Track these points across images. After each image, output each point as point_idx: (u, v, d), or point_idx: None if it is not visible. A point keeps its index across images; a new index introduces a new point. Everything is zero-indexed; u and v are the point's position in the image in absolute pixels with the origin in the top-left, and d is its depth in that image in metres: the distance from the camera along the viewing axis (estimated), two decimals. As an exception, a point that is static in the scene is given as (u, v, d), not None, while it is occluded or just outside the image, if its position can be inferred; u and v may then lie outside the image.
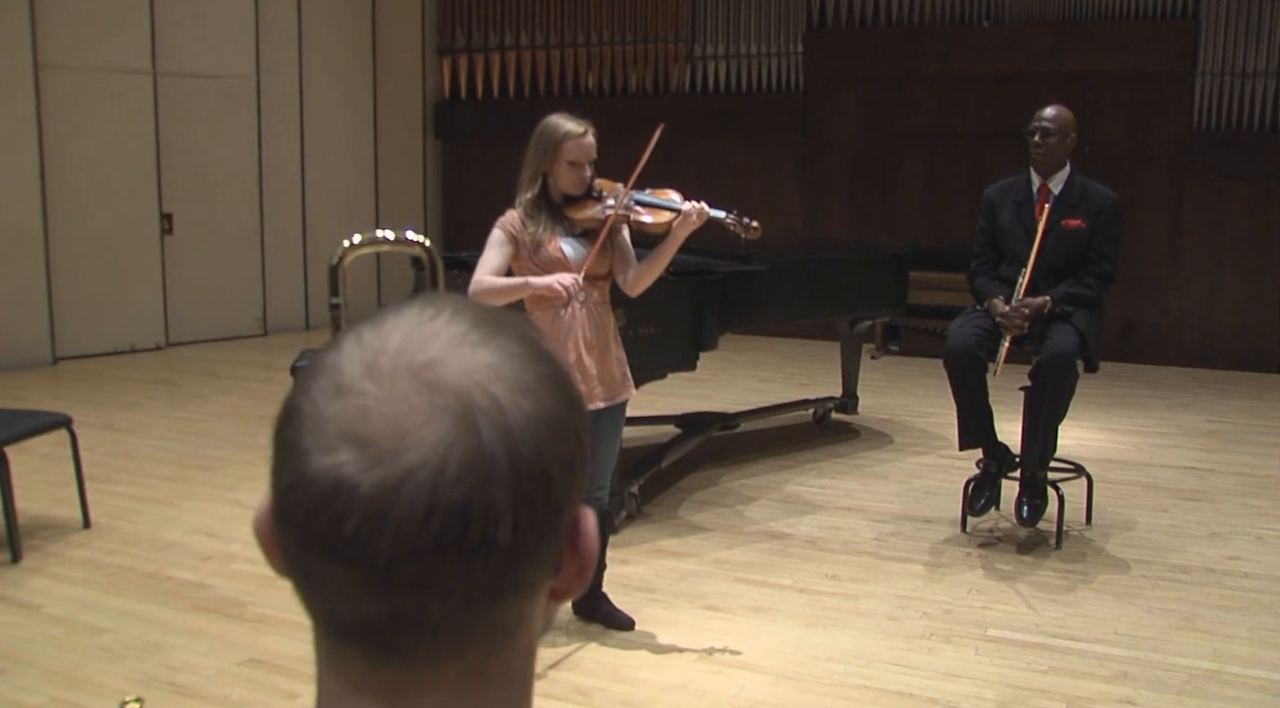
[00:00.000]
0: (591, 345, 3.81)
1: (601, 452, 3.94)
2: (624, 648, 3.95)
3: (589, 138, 3.82)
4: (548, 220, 3.83)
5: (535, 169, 3.84)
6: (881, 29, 9.59)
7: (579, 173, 3.82)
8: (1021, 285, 4.78)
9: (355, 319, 0.78)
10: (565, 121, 3.83)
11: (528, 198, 3.84)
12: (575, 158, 3.79)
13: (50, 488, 5.53)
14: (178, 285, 9.42)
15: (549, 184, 3.84)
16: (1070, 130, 4.97)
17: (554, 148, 3.79)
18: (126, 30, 8.89)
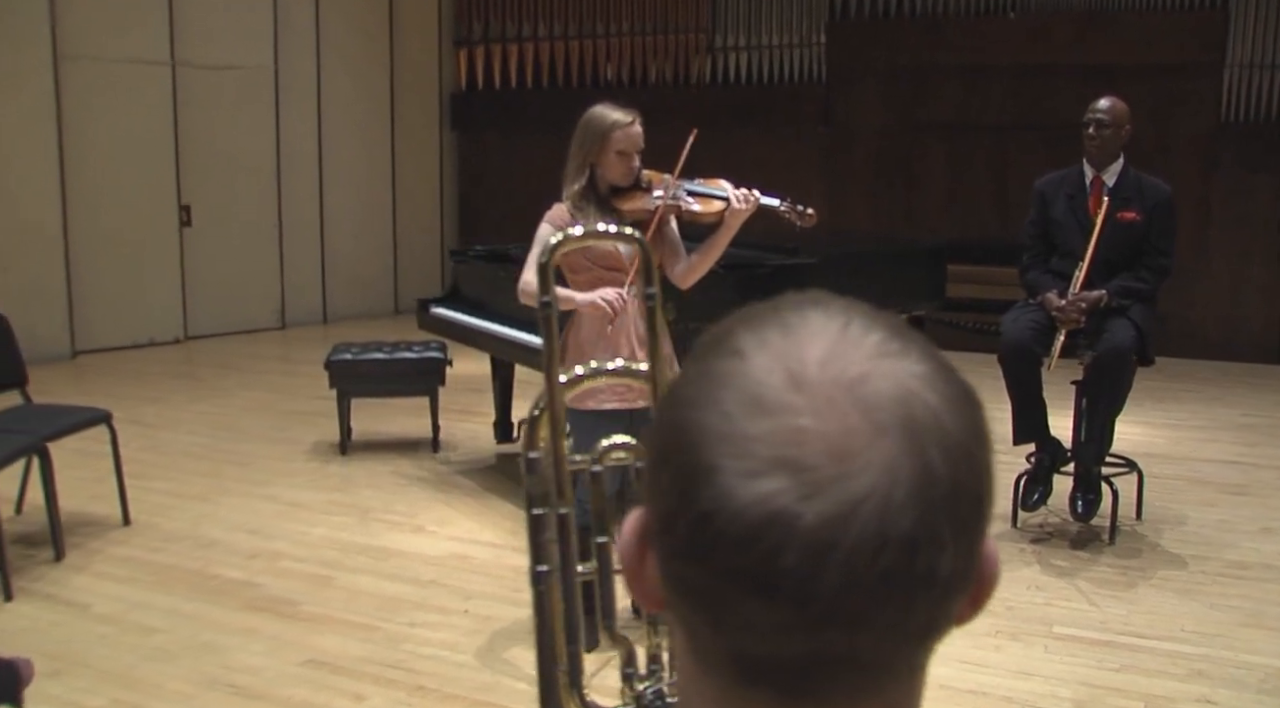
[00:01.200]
0: (644, 341, 3.72)
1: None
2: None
3: (637, 127, 3.72)
4: (596, 212, 3.73)
5: (582, 160, 3.74)
6: (905, 20, 9.53)
7: (628, 163, 3.72)
8: (1078, 279, 4.72)
9: (710, 330, 0.71)
10: (612, 111, 3.73)
11: (575, 190, 3.74)
12: (624, 147, 3.70)
13: (85, 484, 5.45)
14: (196, 278, 9.34)
15: (596, 175, 3.74)
16: (1125, 122, 4.90)
17: (602, 138, 3.69)
18: (145, 21, 8.80)
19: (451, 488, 5.64)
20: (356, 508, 5.33)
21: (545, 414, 1.37)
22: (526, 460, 1.38)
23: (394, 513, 5.27)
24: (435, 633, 4.01)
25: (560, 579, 1.35)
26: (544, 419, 1.37)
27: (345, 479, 5.77)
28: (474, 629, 4.04)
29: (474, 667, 3.75)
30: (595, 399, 3.66)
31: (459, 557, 4.73)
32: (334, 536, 4.97)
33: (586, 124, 3.74)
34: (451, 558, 4.71)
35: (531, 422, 1.36)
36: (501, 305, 5.56)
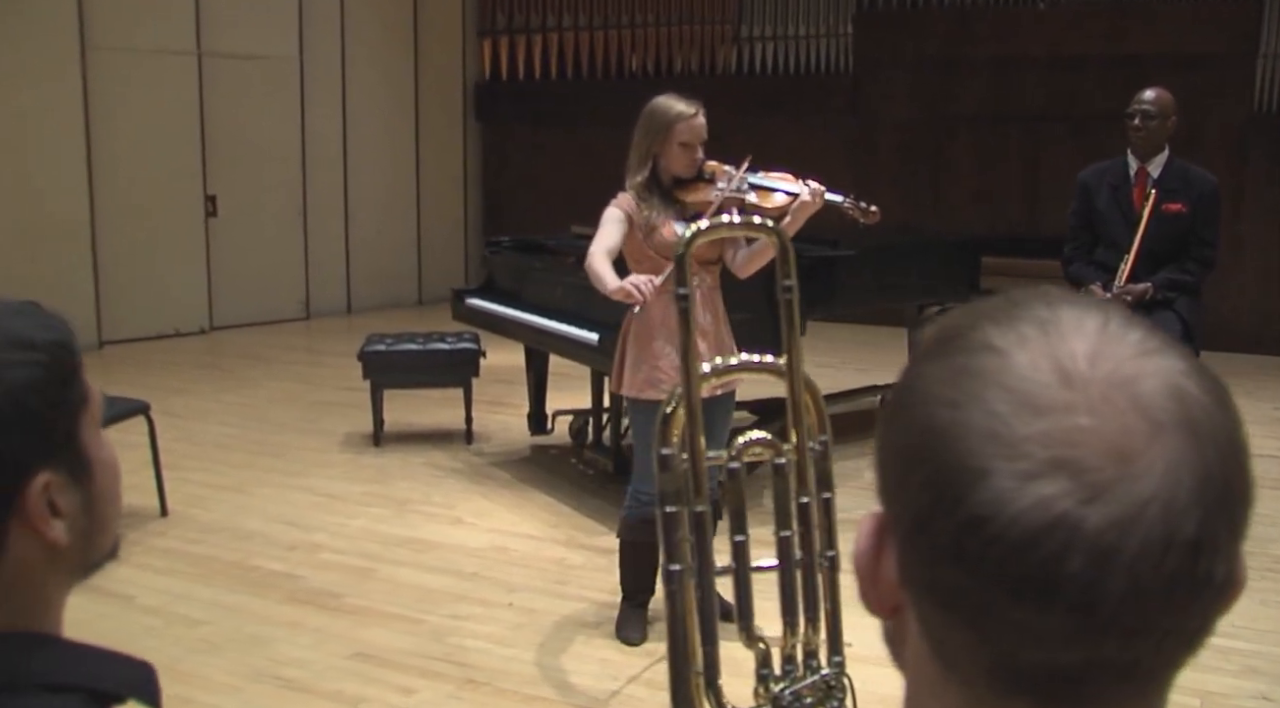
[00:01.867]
0: (705, 331, 3.71)
1: (714, 440, 3.83)
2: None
3: (700, 118, 3.71)
4: (659, 204, 3.73)
5: (646, 151, 3.72)
6: (933, 10, 9.46)
7: (691, 155, 3.71)
8: (1124, 272, 4.68)
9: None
10: (676, 102, 3.72)
11: (639, 181, 3.73)
12: (687, 139, 3.69)
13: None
14: (221, 268, 9.33)
15: (659, 166, 3.72)
16: (1170, 113, 4.86)
17: (665, 129, 3.68)
18: (171, 11, 8.80)
19: (487, 480, 5.61)
20: (393, 500, 5.31)
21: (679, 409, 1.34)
22: (659, 457, 1.35)
23: (431, 505, 5.26)
24: (481, 626, 3.99)
25: (697, 578, 1.32)
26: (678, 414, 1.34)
27: (380, 471, 5.75)
28: (519, 623, 4.02)
29: (524, 660, 3.73)
30: (656, 389, 3.65)
31: (499, 549, 4.71)
32: (373, 527, 4.95)
33: (650, 115, 3.73)
34: (492, 550, 4.69)
35: (665, 417, 1.33)
36: (537, 296, 5.54)
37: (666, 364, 3.66)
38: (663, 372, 3.66)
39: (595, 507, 5.19)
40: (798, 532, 1.39)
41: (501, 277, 5.95)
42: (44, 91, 8.13)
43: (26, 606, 1.01)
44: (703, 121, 3.73)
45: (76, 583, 1.09)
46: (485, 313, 5.74)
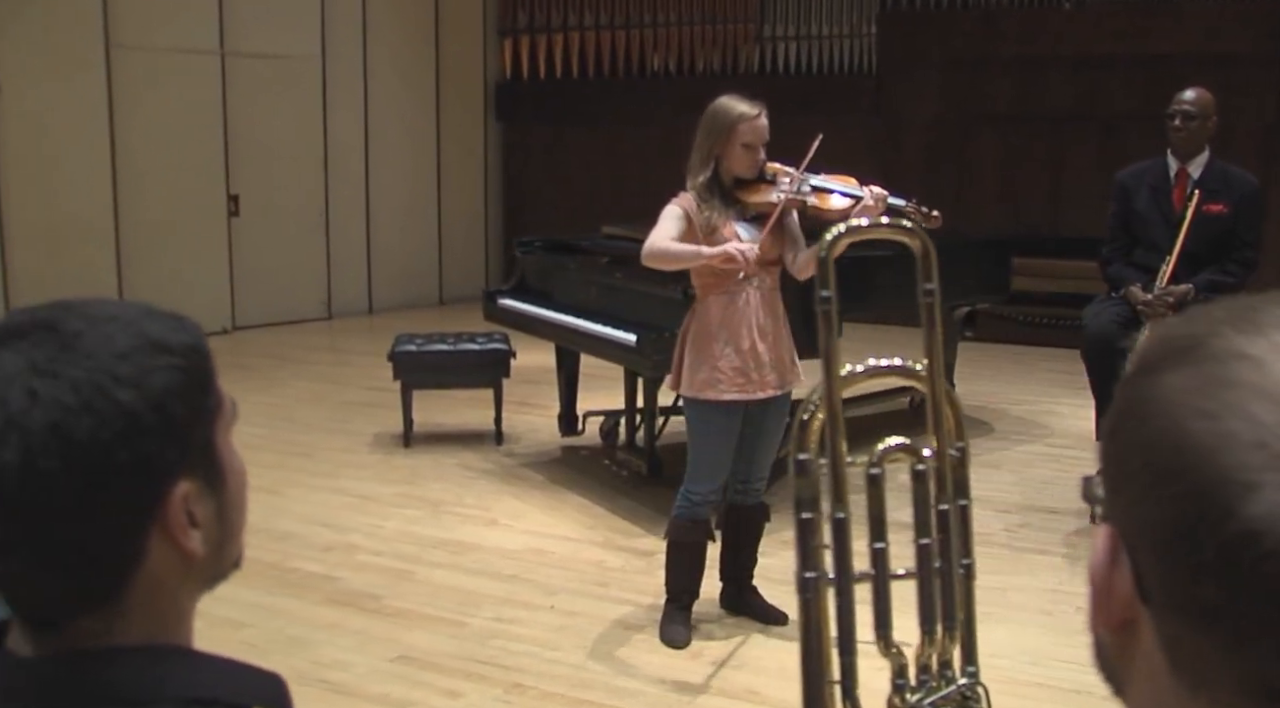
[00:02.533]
0: (765, 332, 3.70)
1: (768, 441, 3.84)
2: (787, 645, 3.84)
3: (763, 119, 3.70)
4: (721, 204, 3.71)
5: (708, 152, 3.71)
6: (958, 10, 9.43)
7: (753, 156, 3.70)
8: (1165, 273, 4.65)
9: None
10: (738, 103, 3.70)
11: (700, 182, 3.71)
12: (750, 140, 3.67)
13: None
14: (244, 268, 9.33)
15: (720, 167, 3.70)
16: (1211, 113, 4.83)
17: (728, 130, 3.66)
18: (195, 10, 8.79)
19: (519, 481, 5.60)
20: (427, 501, 5.30)
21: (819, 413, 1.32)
22: (797, 462, 1.33)
23: (465, 506, 5.24)
24: (524, 629, 3.97)
25: (836, 586, 1.30)
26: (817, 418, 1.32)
27: (412, 471, 5.73)
28: (562, 625, 4.00)
29: (569, 663, 3.71)
30: (715, 389, 3.64)
31: (536, 551, 4.69)
32: (408, 529, 4.94)
33: (712, 116, 3.71)
34: (529, 552, 4.68)
35: (803, 422, 1.31)
36: (570, 296, 5.52)
37: (726, 365, 3.65)
38: (722, 372, 3.65)
39: (630, 508, 5.17)
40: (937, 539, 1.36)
41: (533, 277, 5.93)
42: (68, 90, 8.14)
43: (162, 618, 0.99)
44: (765, 122, 3.72)
45: (203, 594, 1.06)
46: (518, 313, 5.72)
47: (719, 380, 3.65)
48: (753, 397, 3.68)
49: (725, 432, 3.73)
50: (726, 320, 3.66)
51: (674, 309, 4.71)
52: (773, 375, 3.70)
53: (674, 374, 3.83)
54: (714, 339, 3.67)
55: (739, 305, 3.68)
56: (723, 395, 3.66)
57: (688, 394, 3.74)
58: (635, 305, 5.05)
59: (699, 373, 3.69)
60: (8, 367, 0.88)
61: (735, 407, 3.69)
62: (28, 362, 0.88)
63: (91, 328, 0.91)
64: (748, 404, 3.70)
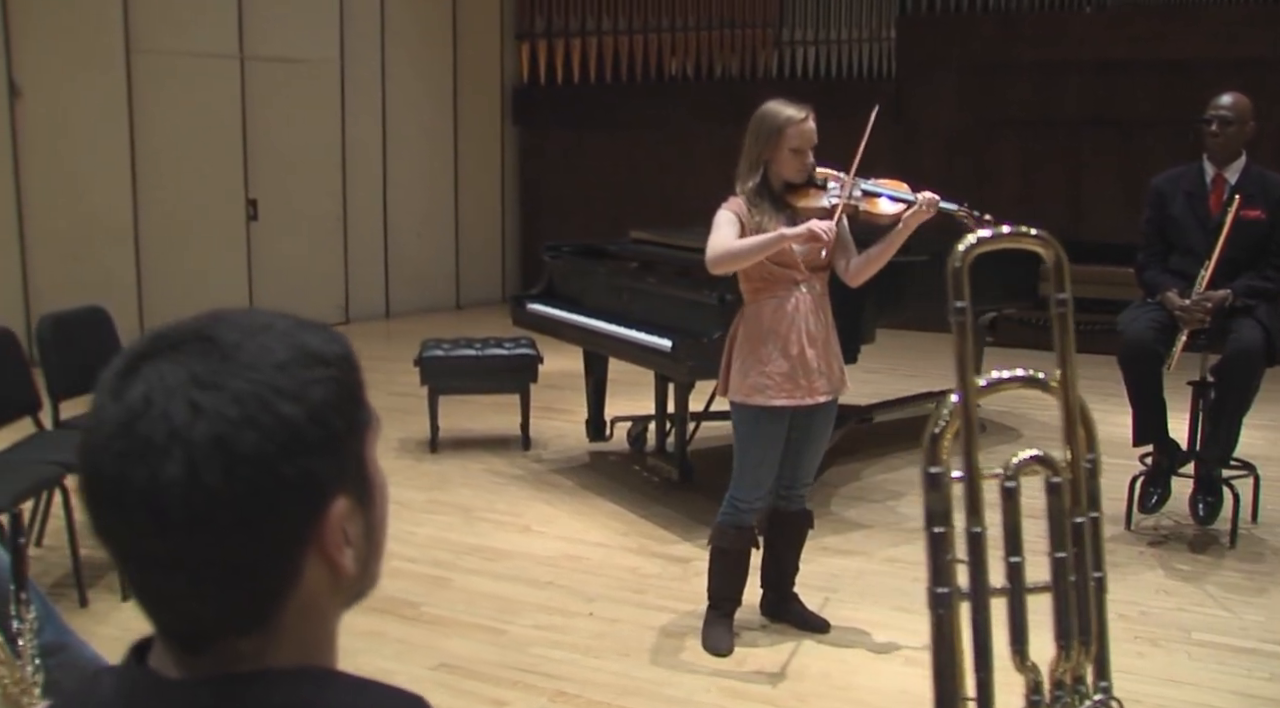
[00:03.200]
0: (814, 338, 3.66)
1: (815, 447, 3.81)
2: (832, 653, 3.82)
3: (810, 122, 3.66)
4: (771, 209, 3.67)
5: (756, 157, 3.68)
6: (977, 14, 9.42)
7: (802, 159, 3.67)
8: (1204, 279, 4.62)
9: None
10: (785, 107, 3.67)
11: (749, 187, 3.68)
12: (798, 144, 3.64)
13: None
14: (262, 273, 9.32)
15: (769, 172, 3.68)
16: (1248, 118, 4.79)
17: (776, 135, 3.63)
18: (214, 14, 8.79)
19: (549, 487, 5.58)
20: (458, 507, 5.28)
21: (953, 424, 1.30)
22: (929, 476, 1.31)
23: (497, 512, 5.22)
24: (564, 636, 3.95)
25: (971, 602, 1.28)
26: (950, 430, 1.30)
27: (441, 477, 5.72)
28: (602, 632, 3.98)
29: (612, 671, 3.69)
30: (763, 394, 3.61)
31: (571, 557, 4.67)
32: (441, 535, 4.92)
33: (760, 121, 3.68)
34: (564, 559, 4.66)
35: (935, 435, 1.29)
36: (601, 301, 5.50)
37: (774, 370, 3.62)
38: (770, 377, 3.62)
39: (663, 515, 5.15)
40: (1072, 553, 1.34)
41: (561, 282, 5.92)
42: (88, 93, 8.14)
43: (313, 639, 0.97)
44: (813, 126, 3.68)
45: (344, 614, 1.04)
46: (547, 318, 5.70)
47: (767, 386, 3.62)
48: (801, 403, 3.66)
49: (773, 438, 3.70)
50: (776, 325, 3.64)
51: (710, 314, 4.70)
52: (821, 382, 3.67)
53: (722, 379, 3.80)
54: (763, 344, 3.65)
55: (788, 310, 3.65)
56: (771, 401, 3.63)
57: (735, 399, 3.71)
58: (669, 310, 5.03)
59: (747, 378, 3.66)
60: (168, 379, 0.86)
61: (783, 413, 3.67)
62: (188, 373, 0.86)
63: (249, 339, 0.89)
64: (795, 410, 3.67)
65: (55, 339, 4.70)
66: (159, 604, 0.90)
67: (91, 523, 0.89)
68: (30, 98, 7.91)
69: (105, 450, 0.85)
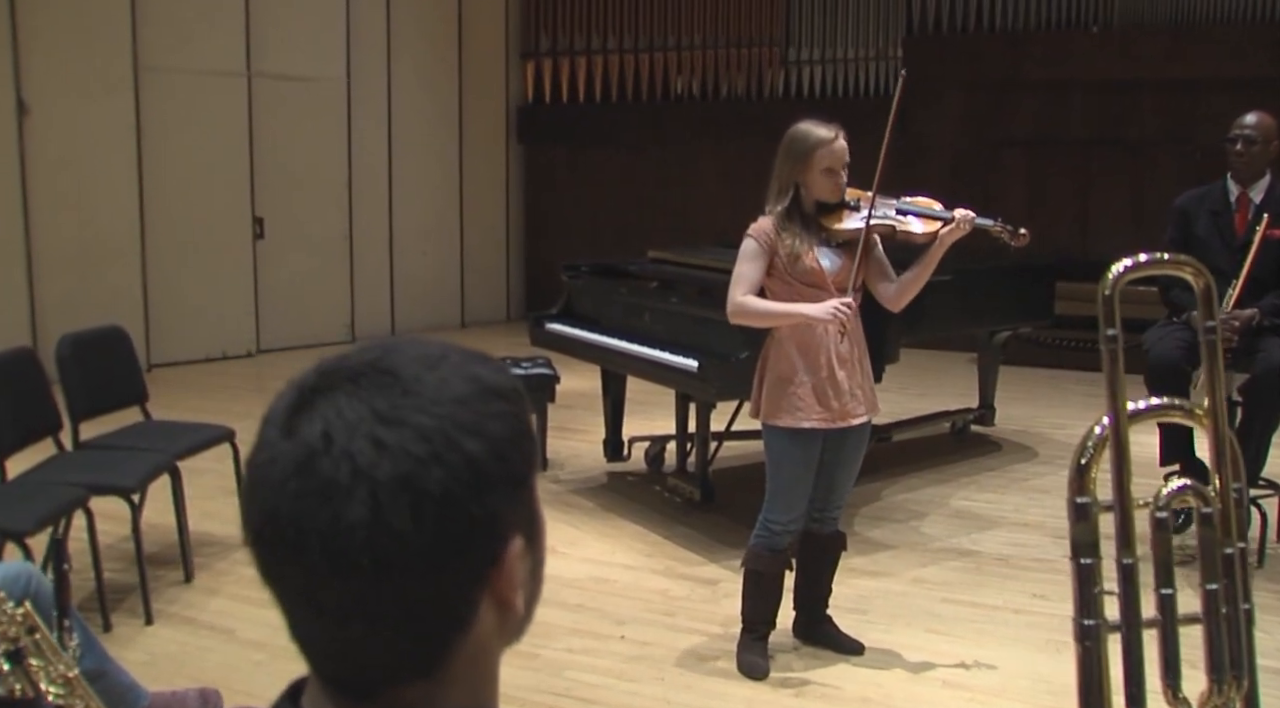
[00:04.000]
0: (844, 360, 3.63)
1: (847, 469, 3.78)
2: (868, 675, 3.79)
3: (841, 142, 3.63)
4: (802, 231, 3.62)
5: (787, 179, 3.63)
6: (984, 34, 9.45)
7: (834, 180, 3.63)
8: (1232, 298, 4.61)
9: None
10: (816, 128, 3.63)
11: (780, 210, 3.64)
12: (830, 165, 3.60)
13: (195, 501, 5.34)
14: (269, 291, 9.28)
15: (801, 194, 3.65)
16: (1273, 137, 4.82)
17: (807, 156, 3.59)
18: (222, 32, 8.77)
19: (570, 508, 5.54)
20: (478, 528, 5.23)
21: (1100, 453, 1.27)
22: (1076, 506, 1.28)
23: (518, 533, 5.17)
24: (597, 659, 3.90)
25: (1124, 635, 1.25)
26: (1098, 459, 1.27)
27: (459, 498, 5.66)
28: (635, 655, 3.94)
29: (648, 695, 3.65)
30: (793, 417, 3.58)
31: (599, 580, 4.63)
32: (464, 557, 4.86)
33: (790, 143, 3.64)
34: (591, 581, 4.61)
35: (1082, 465, 1.26)
36: (622, 321, 5.48)
37: (805, 392, 3.59)
38: (801, 399, 3.59)
39: (687, 536, 5.11)
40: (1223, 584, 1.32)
41: (580, 301, 5.89)
42: (96, 111, 8.11)
43: (481, 684, 0.93)
44: (844, 145, 3.64)
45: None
46: (567, 338, 5.67)
47: (798, 408, 3.59)
48: (833, 425, 3.62)
49: (805, 461, 3.67)
50: (806, 347, 3.60)
51: (736, 334, 4.66)
52: (853, 404, 3.63)
53: (754, 401, 3.77)
54: (793, 366, 3.61)
55: (818, 332, 3.60)
56: (801, 423, 3.59)
57: (766, 421, 3.68)
58: (693, 330, 5.01)
59: (778, 400, 3.63)
60: (348, 414, 0.81)
61: (815, 435, 3.63)
62: (369, 409, 0.82)
63: (427, 371, 0.86)
64: (827, 433, 3.64)
65: (75, 359, 4.66)
66: (326, 651, 0.86)
67: (261, 567, 0.85)
68: (38, 115, 7.87)
69: (281, 491, 0.81)
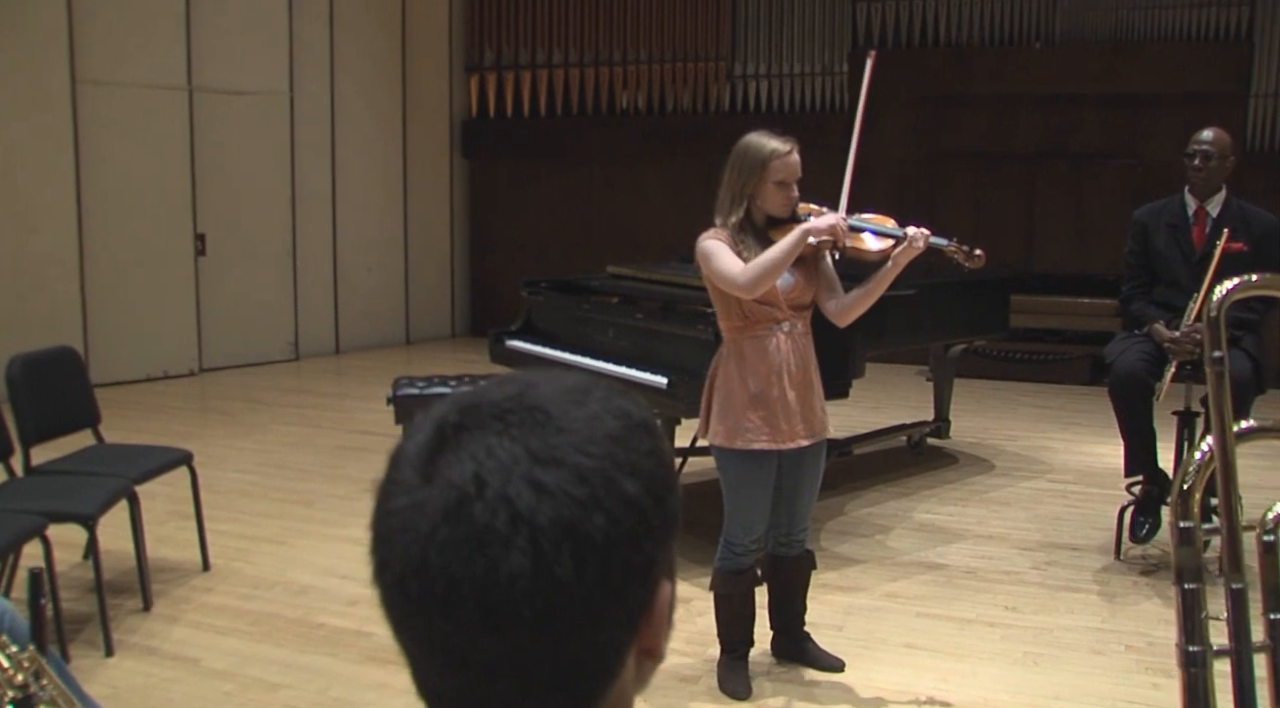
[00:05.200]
0: (796, 379, 3.56)
1: (806, 491, 3.74)
2: (848, 692, 3.76)
3: (795, 155, 3.56)
4: (755, 245, 3.56)
5: (739, 191, 3.56)
6: (929, 49, 9.55)
7: (787, 193, 3.56)
8: (1194, 310, 4.68)
9: None
10: (769, 139, 3.56)
11: (733, 222, 3.56)
12: (783, 177, 3.54)
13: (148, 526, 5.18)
14: (211, 309, 9.09)
15: (752, 206, 3.59)
16: (1229, 152, 4.89)
17: (761, 167, 3.52)
18: (163, 45, 8.58)
19: (534, 527, 5.45)
20: (443, 549, 5.13)
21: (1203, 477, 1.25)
22: (1180, 531, 1.26)
23: (484, 554, 5.08)
24: (577, 683, 3.83)
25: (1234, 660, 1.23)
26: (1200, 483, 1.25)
27: (420, 519, 5.56)
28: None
29: (635, 719, 3.59)
30: (743, 438, 3.51)
31: (570, 600, 4.55)
32: (431, 579, 4.77)
33: (744, 154, 3.58)
34: (562, 601, 4.54)
35: (1184, 490, 1.24)
36: (584, 337, 5.43)
37: (754, 413, 3.51)
38: (750, 421, 3.51)
39: (655, 554, 5.05)
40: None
41: (541, 318, 5.83)
42: (33, 125, 7.91)
43: None
44: (797, 158, 3.57)
45: None
46: (529, 355, 5.61)
47: (748, 429, 3.50)
48: (783, 447, 3.55)
49: (760, 481, 3.59)
50: (756, 366, 3.53)
51: (706, 350, 4.63)
52: (802, 426, 3.56)
53: (701, 421, 3.68)
54: (742, 385, 3.53)
55: (769, 350, 3.53)
56: (751, 445, 3.51)
57: (716, 443, 3.59)
58: (661, 347, 4.97)
59: (726, 421, 3.55)
60: (500, 454, 0.75)
61: (766, 456, 3.55)
62: (524, 448, 0.76)
63: (575, 406, 0.80)
64: (780, 453, 3.57)
65: (25, 381, 4.50)
66: (461, 706, 0.80)
67: (398, 620, 0.79)
68: (-29, 130, 7.65)
69: (429, 540, 0.75)
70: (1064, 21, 9.19)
